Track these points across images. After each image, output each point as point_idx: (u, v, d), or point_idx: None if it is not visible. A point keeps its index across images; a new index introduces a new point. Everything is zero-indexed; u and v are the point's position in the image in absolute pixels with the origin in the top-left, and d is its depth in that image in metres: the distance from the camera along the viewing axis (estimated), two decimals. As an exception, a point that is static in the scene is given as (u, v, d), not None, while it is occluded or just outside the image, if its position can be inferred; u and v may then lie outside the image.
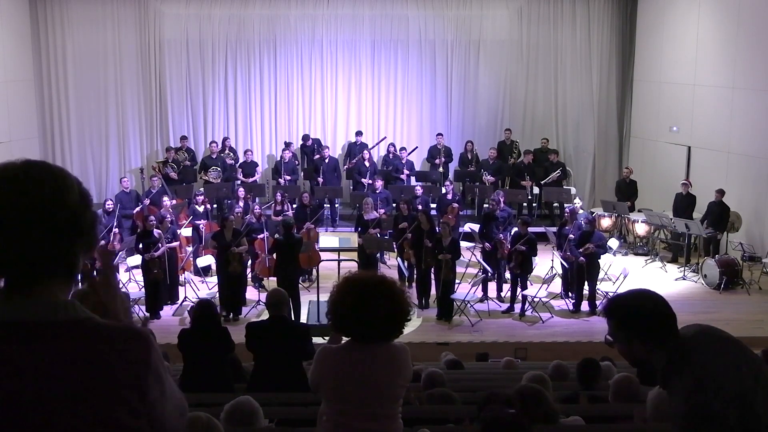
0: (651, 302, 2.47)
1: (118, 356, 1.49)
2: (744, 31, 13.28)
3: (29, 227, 1.45)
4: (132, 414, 1.49)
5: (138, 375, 1.51)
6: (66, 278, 1.53)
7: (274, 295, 6.21)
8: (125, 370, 1.49)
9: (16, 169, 1.49)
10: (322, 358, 3.15)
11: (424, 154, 15.95)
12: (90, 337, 1.50)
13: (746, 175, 13.29)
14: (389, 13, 16.21)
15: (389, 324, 3.02)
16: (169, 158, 14.91)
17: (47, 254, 1.48)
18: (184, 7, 15.96)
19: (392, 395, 3.09)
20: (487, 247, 11.46)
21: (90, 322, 1.52)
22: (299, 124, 16.46)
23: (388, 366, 3.06)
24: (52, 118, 15.88)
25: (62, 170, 1.54)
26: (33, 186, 1.47)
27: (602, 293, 11.21)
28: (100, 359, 1.48)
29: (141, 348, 1.53)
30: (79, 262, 1.55)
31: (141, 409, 1.50)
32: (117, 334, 1.53)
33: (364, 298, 2.97)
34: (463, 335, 10.43)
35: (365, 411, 3.04)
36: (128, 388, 1.49)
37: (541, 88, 16.51)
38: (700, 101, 14.31)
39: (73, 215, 1.50)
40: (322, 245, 11.85)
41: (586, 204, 15.77)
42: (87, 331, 1.50)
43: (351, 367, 3.05)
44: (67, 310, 1.50)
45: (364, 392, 3.03)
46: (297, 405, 5.02)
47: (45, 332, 1.47)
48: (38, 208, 1.46)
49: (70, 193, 1.50)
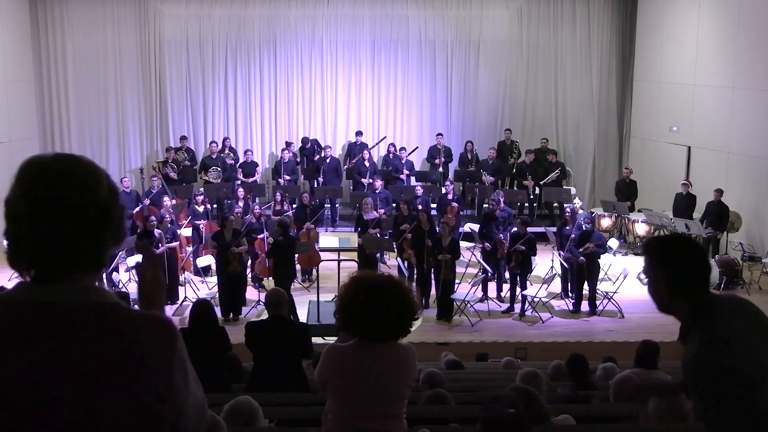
0: (687, 249, 2.43)
1: (148, 340, 1.52)
2: (744, 31, 13.28)
3: (60, 221, 1.47)
4: (157, 398, 1.51)
5: (165, 360, 1.53)
6: (95, 270, 1.56)
7: (273, 294, 6.21)
8: (154, 353, 1.51)
9: (46, 163, 1.52)
10: (329, 356, 3.15)
11: (424, 154, 15.95)
12: (121, 319, 1.52)
13: (746, 175, 13.29)
14: (389, 13, 16.21)
15: (398, 323, 3.05)
16: (169, 158, 14.91)
17: (78, 247, 1.50)
18: (184, 7, 15.96)
19: (398, 395, 3.10)
20: (487, 247, 11.46)
21: (120, 307, 1.55)
22: (299, 124, 16.47)
23: (395, 365, 3.07)
24: (52, 118, 15.88)
25: (92, 164, 1.56)
26: (63, 180, 1.49)
27: (602, 293, 11.21)
28: (131, 340, 1.50)
29: (169, 335, 1.55)
30: (107, 254, 1.57)
31: (166, 395, 1.53)
32: (147, 320, 1.56)
33: (374, 297, 2.98)
34: (463, 335, 10.43)
35: (371, 410, 3.05)
36: (156, 371, 1.51)
37: (541, 88, 16.51)
38: (700, 101, 14.30)
39: (103, 209, 1.52)
40: (322, 245, 11.85)
41: (586, 204, 15.77)
42: (118, 314, 1.53)
43: (358, 365, 3.06)
44: (98, 294, 1.53)
45: (371, 391, 3.04)
46: (297, 405, 5.02)
47: (77, 313, 1.49)
48: (68, 202, 1.48)
49: (99, 188, 1.53)
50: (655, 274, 2.43)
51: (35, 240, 1.48)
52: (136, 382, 1.49)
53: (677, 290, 2.38)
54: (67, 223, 1.48)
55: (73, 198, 1.49)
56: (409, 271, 11.65)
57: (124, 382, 1.48)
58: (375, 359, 3.05)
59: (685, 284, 2.38)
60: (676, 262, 2.39)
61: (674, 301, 2.40)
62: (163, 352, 1.53)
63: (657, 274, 2.42)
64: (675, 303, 2.40)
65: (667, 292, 2.39)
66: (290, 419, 4.70)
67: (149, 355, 1.51)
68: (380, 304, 2.98)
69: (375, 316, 2.99)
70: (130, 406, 1.48)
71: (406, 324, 3.08)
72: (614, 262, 12.11)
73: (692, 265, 2.39)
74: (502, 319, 11.04)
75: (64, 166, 1.52)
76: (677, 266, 2.39)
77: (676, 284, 2.38)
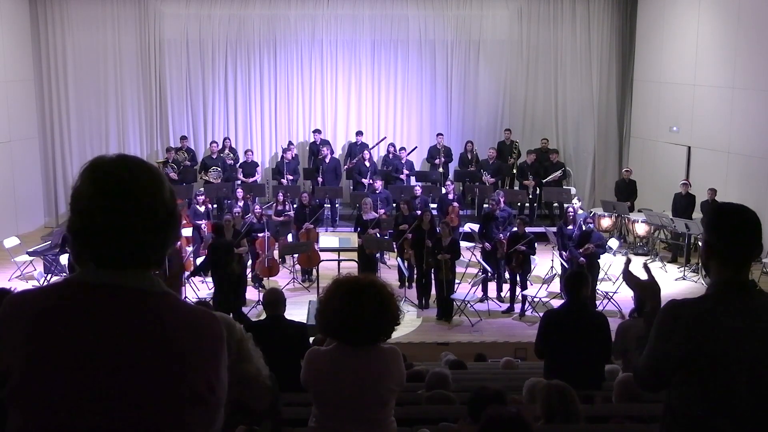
0: (739, 217, 2.45)
1: (204, 329, 1.60)
2: (744, 31, 13.28)
3: (134, 218, 1.55)
4: (207, 385, 1.59)
5: (216, 350, 1.61)
6: (155, 267, 1.63)
7: (270, 294, 6.21)
8: (208, 342, 1.60)
9: (115, 164, 1.58)
10: (309, 360, 3.12)
11: (423, 154, 15.95)
12: (181, 308, 1.62)
13: (746, 175, 13.29)
14: (389, 13, 16.21)
15: (376, 327, 2.98)
16: (169, 158, 14.91)
17: (146, 244, 1.58)
18: (184, 7, 15.95)
19: (380, 399, 3.04)
20: (487, 247, 11.46)
21: (177, 298, 1.64)
22: (299, 124, 16.46)
23: (375, 370, 3.01)
24: (52, 118, 15.87)
25: (155, 167, 1.64)
26: (134, 181, 1.56)
27: (602, 293, 11.21)
28: (191, 328, 1.58)
29: (219, 328, 1.64)
30: (167, 253, 1.65)
31: (215, 383, 1.60)
32: (201, 312, 1.64)
33: (351, 302, 2.93)
34: (463, 335, 10.42)
35: (352, 415, 3.01)
36: (208, 358, 1.59)
37: (541, 88, 16.51)
38: (700, 101, 14.30)
39: (169, 210, 1.60)
40: (322, 245, 11.84)
41: (586, 204, 15.77)
42: (178, 303, 1.62)
43: (337, 371, 3.01)
44: (159, 284, 1.62)
45: (351, 397, 2.99)
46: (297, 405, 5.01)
47: (141, 297, 1.58)
48: (140, 203, 1.55)
49: (164, 190, 1.60)
50: (707, 238, 2.49)
51: (107, 236, 1.55)
52: (194, 369, 1.56)
53: (718, 258, 2.43)
54: (140, 221, 1.55)
55: (145, 198, 1.56)
56: (409, 271, 11.65)
57: (183, 368, 1.55)
58: (354, 364, 3.00)
59: (722, 252, 2.42)
60: (721, 225, 2.44)
61: (712, 270, 2.47)
62: (216, 344, 1.61)
63: (705, 235, 2.51)
64: (713, 272, 2.47)
65: (707, 252, 2.46)
66: (290, 419, 4.69)
67: (206, 344, 1.59)
68: (357, 309, 2.92)
69: (352, 321, 2.94)
70: (184, 394, 1.55)
71: (386, 329, 3.01)
72: (614, 262, 12.11)
73: (737, 232, 2.43)
74: (502, 319, 11.04)
75: (132, 167, 1.58)
76: (721, 229, 2.44)
77: (720, 252, 2.43)
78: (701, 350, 2.32)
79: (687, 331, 2.34)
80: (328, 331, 3.09)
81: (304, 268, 12.23)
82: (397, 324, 3.05)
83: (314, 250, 11.72)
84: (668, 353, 2.38)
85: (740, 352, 2.32)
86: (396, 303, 3.03)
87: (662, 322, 2.41)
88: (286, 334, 5.92)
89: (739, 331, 2.33)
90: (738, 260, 2.43)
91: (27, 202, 14.98)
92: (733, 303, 2.38)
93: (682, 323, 2.36)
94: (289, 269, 12.50)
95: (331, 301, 2.98)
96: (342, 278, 3.09)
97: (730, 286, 2.41)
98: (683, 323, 2.36)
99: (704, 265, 2.56)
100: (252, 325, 6.33)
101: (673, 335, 2.37)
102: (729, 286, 2.41)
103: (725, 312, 2.36)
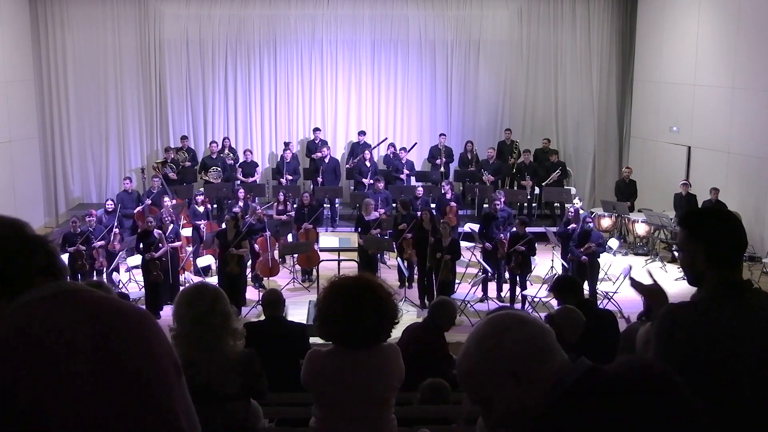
0: (724, 221, 2.49)
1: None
2: (744, 31, 13.28)
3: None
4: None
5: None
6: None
7: (269, 295, 6.21)
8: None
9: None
10: (309, 362, 3.13)
11: (424, 153, 15.95)
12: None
13: (746, 175, 13.29)
14: (389, 13, 16.21)
15: (374, 329, 2.98)
16: (168, 158, 14.91)
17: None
18: (184, 7, 15.96)
19: (380, 398, 3.05)
20: (487, 247, 11.46)
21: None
22: (299, 124, 16.47)
23: (374, 371, 3.02)
24: (52, 118, 15.87)
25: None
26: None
27: (602, 293, 11.21)
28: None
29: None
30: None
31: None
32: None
33: (348, 304, 2.93)
34: (463, 335, 10.38)
35: (352, 414, 3.02)
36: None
37: (541, 88, 16.51)
38: (700, 101, 14.30)
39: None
40: (322, 245, 11.84)
41: (586, 204, 15.76)
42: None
43: (337, 371, 3.02)
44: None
45: (351, 396, 3.00)
46: (297, 405, 5.01)
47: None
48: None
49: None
50: (695, 247, 2.47)
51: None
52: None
53: (712, 262, 2.43)
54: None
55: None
56: (409, 271, 11.65)
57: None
58: (353, 365, 3.01)
59: (718, 257, 2.43)
60: (720, 227, 2.46)
61: (708, 273, 2.46)
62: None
63: (697, 247, 2.47)
64: (708, 275, 2.46)
65: (703, 262, 2.44)
66: (290, 419, 4.70)
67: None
68: (354, 311, 2.92)
69: (349, 323, 2.93)
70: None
71: (384, 330, 3.01)
72: (614, 262, 12.11)
73: (729, 235, 2.45)
74: (502, 319, 11.01)
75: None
76: (722, 231, 2.45)
77: (711, 257, 2.43)
78: (703, 353, 2.32)
79: (687, 336, 2.34)
80: (326, 334, 3.09)
81: (303, 269, 12.23)
82: (396, 323, 3.05)
83: (314, 250, 11.72)
84: (670, 359, 2.38)
85: (742, 352, 2.32)
86: (393, 301, 3.03)
87: (661, 328, 2.41)
88: (285, 335, 5.92)
89: (739, 331, 2.33)
90: (736, 260, 2.45)
91: (27, 202, 14.96)
92: (732, 303, 2.39)
93: (682, 328, 2.36)
94: (289, 269, 12.49)
95: (328, 308, 2.97)
96: (337, 281, 3.07)
97: (728, 287, 2.42)
98: (683, 328, 2.36)
99: (696, 279, 2.49)
100: (252, 325, 6.32)
101: (674, 340, 2.36)
102: (727, 287, 2.42)
103: (724, 313, 2.36)
